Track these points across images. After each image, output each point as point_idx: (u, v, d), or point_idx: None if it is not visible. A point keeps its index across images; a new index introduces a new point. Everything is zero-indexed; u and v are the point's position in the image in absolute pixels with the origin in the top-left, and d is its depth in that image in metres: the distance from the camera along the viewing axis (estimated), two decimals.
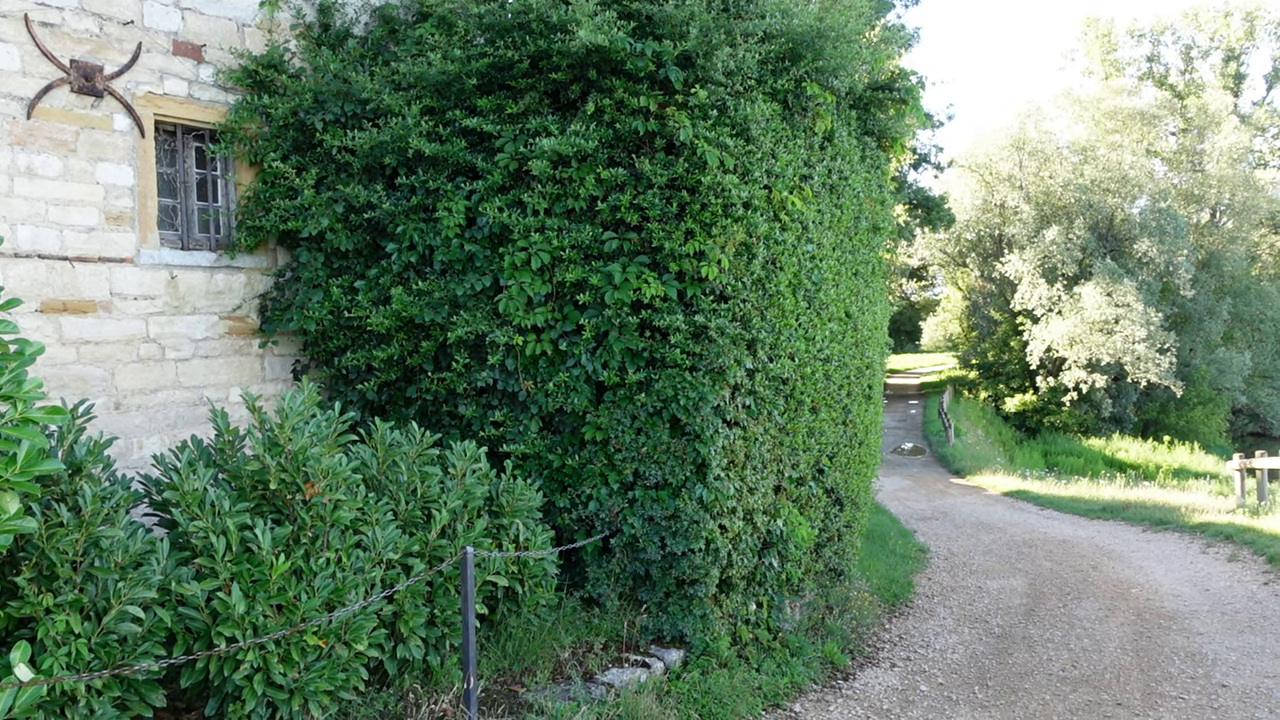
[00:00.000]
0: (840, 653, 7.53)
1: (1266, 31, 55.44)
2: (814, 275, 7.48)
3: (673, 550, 6.31)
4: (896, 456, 29.22)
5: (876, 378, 9.38)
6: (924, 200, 29.22)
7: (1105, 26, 57.01)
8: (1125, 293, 36.90)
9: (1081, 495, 19.90)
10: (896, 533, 13.83)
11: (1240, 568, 11.22)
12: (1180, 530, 14.31)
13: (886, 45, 8.61)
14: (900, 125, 9.07)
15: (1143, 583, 10.58)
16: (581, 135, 6.27)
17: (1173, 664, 7.53)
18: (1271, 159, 54.27)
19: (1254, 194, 44.43)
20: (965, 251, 45.71)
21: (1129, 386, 39.20)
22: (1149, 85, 54.60)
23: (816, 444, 7.83)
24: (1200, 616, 8.98)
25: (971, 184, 43.24)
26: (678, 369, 6.23)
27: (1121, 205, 41.56)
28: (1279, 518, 14.16)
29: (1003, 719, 6.40)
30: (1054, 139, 43.35)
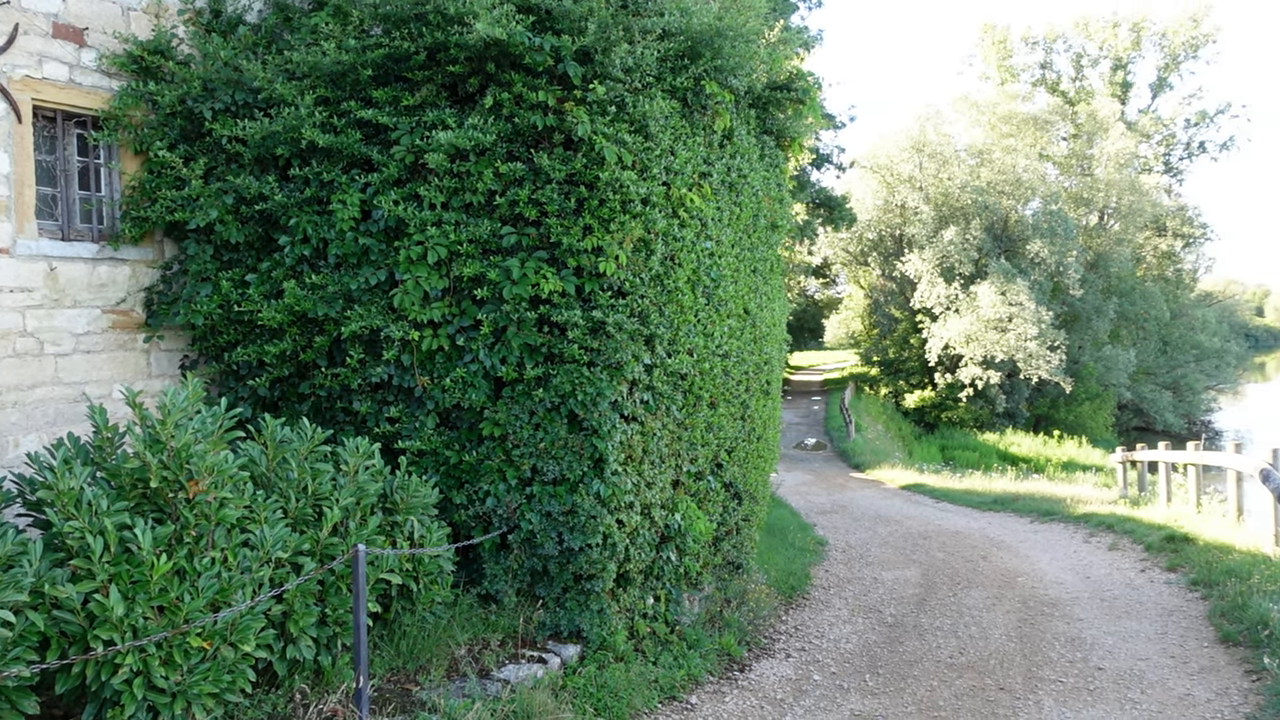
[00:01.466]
0: (737, 645, 7.63)
1: (1152, 42, 57.70)
2: (713, 272, 7.55)
3: (570, 545, 6.32)
4: (799, 452, 29.67)
5: (775, 373, 9.52)
6: (826, 200, 29.74)
7: (1002, 33, 58.69)
8: (1018, 292, 38.08)
9: (975, 488, 20.47)
10: (796, 526, 14.03)
11: (1120, 556, 11.68)
12: (1066, 521, 14.84)
13: (785, 46, 8.73)
14: (799, 125, 9.21)
15: (1029, 571, 10.95)
16: (479, 129, 6.23)
17: (1054, 649, 7.81)
18: (1155, 164, 56.52)
19: (1139, 198, 46.23)
20: (867, 250, 46.64)
21: (1022, 383, 40.48)
22: (1042, 91, 56.44)
23: (715, 439, 7.92)
24: (1081, 603, 9.32)
25: (873, 184, 44.14)
26: (576, 364, 6.24)
27: (1016, 207, 42.88)
28: (1158, 508, 14.78)
29: (891, 705, 6.56)
30: (952, 142, 44.50)
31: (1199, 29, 56.15)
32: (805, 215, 29.57)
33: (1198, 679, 6.91)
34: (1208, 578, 9.50)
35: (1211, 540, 11.14)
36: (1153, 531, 12.40)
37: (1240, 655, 7.30)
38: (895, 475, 23.87)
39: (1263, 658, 6.88)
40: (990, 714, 6.36)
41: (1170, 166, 59.00)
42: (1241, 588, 8.60)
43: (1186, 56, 57.19)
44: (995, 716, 6.31)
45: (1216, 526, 11.97)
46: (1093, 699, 6.60)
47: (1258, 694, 6.44)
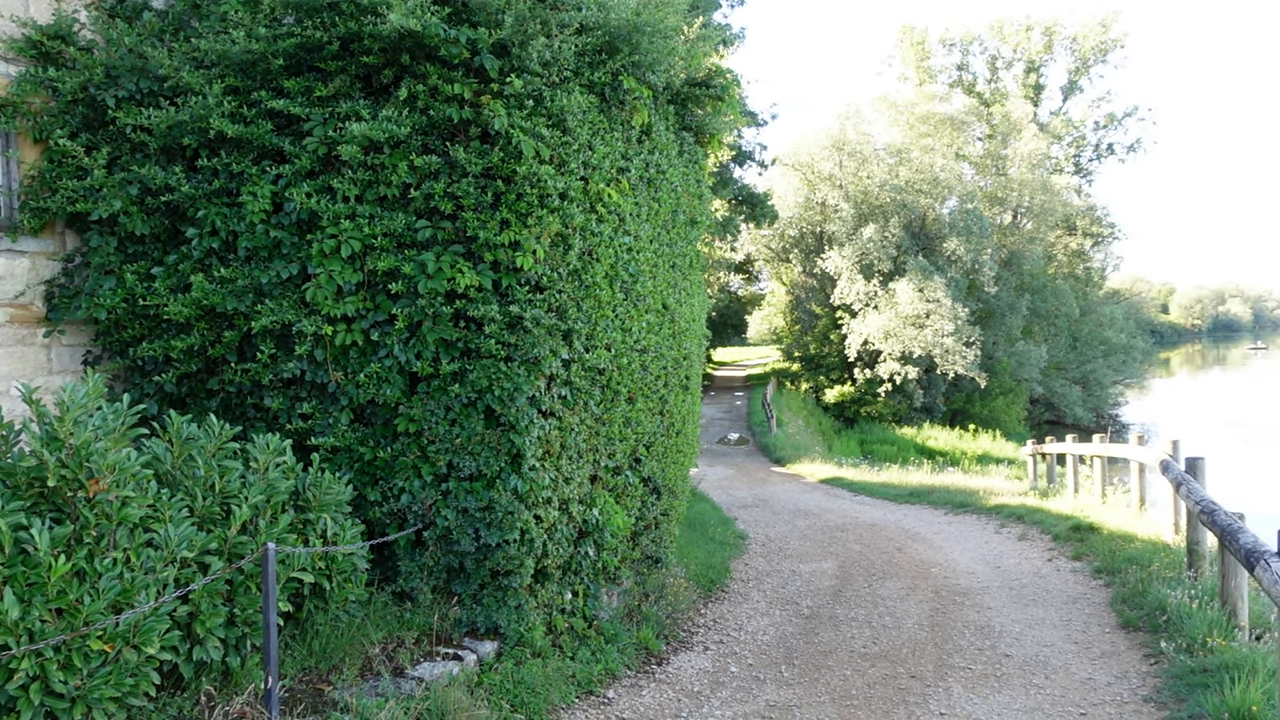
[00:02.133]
0: (655, 638, 7.67)
1: (1063, 46, 59.32)
2: (631, 267, 7.57)
3: (487, 542, 6.29)
4: (722, 447, 29.91)
5: (694, 368, 9.58)
6: (749, 196, 30.00)
7: (920, 35, 59.77)
8: (936, 289, 38.88)
9: (892, 481, 20.86)
10: (717, 520, 14.16)
11: (1028, 545, 12.01)
12: (978, 512, 15.20)
13: (704, 43, 8.76)
14: (718, 121, 9.27)
15: (942, 562, 11.19)
16: (394, 121, 6.15)
17: (964, 637, 8.00)
18: (1066, 165, 58.13)
19: (1050, 198, 47.52)
20: (789, 247, 47.19)
21: (939, 378, 41.34)
22: (959, 93, 57.63)
23: (633, 434, 7.94)
24: (991, 592, 9.56)
25: (794, 182, 44.65)
26: (493, 359, 6.20)
27: (933, 206, 43.75)
28: (1065, 499, 15.23)
29: (806, 695, 6.66)
30: (872, 141, 45.23)
31: (1108, 34, 57.87)
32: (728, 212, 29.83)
33: (1099, 664, 7.14)
34: (1111, 566, 9.81)
35: (1115, 529, 11.50)
36: (1060, 522, 12.76)
37: (1140, 640, 7.55)
38: (815, 469, 24.21)
39: (1160, 642, 7.12)
40: (901, 701, 6.48)
41: (1080, 167, 60.74)
42: (1142, 575, 8.90)
43: (1096, 60, 58.92)
44: (906, 704, 6.44)
45: (1120, 516, 12.36)
46: (1000, 685, 6.78)
47: (1155, 677, 6.67)
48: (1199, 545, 8.60)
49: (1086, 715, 6.12)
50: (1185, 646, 6.80)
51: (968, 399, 43.84)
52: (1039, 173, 48.65)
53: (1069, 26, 58.81)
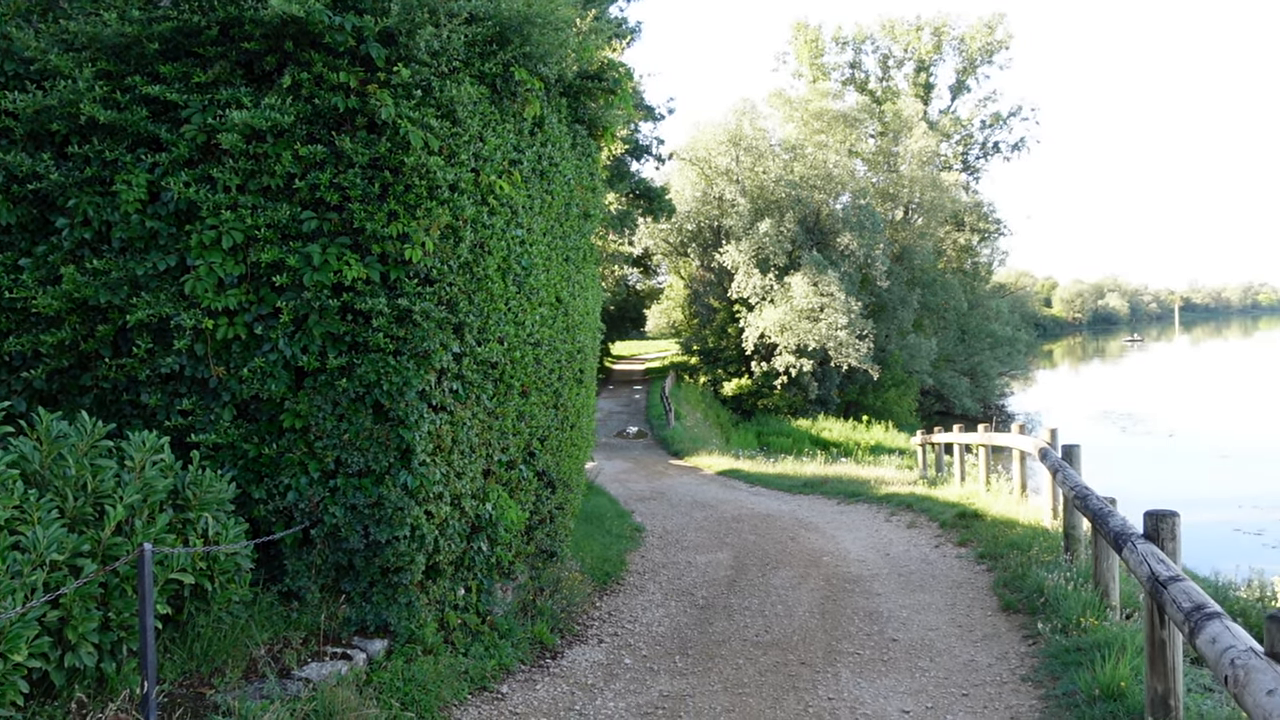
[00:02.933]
0: (550, 632, 7.66)
1: (951, 46, 60.97)
2: (523, 260, 7.53)
3: (377, 538, 6.19)
4: (620, 440, 29.99)
5: (589, 362, 9.58)
6: (646, 190, 30.13)
7: (813, 33, 60.71)
8: (830, 283, 39.64)
9: (788, 472, 21.21)
10: (614, 513, 14.20)
11: (917, 533, 12.34)
12: (870, 501, 15.55)
13: (597, 35, 8.76)
14: (611, 115, 9.28)
15: (833, 551, 11.42)
16: (277, 109, 6.00)
17: (853, 623, 8.18)
18: (955, 163, 59.79)
19: (940, 194, 48.84)
20: (687, 241, 47.54)
21: (833, 370, 42.17)
22: (852, 90, 58.76)
23: (527, 428, 7.90)
24: (880, 579, 9.80)
25: (692, 176, 44.99)
26: (381, 353, 6.10)
27: (827, 201, 44.59)
28: (952, 487, 15.69)
29: (699, 684, 6.73)
30: (767, 136, 45.84)
31: (993, 36, 59.64)
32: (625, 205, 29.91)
33: (981, 645, 7.38)
34: (994, 551, 10.14)
35: (998, 516, 11.90)
36: (947, 509, 13.14)
37: (1019, 622, 7.83)
38: (713, 461, 24.45)
39: (1038, 623, 7.40)
40: (792, 688, 6.60)
41: (968, 165, 62.56)
42: (1022, 559, 9.22)
43: (982, 61, 60.68)
44: (796, 690, 6.55)
45: (1003, 503, 12.80)
46: (886, 669, 6.95)
47: (1033, 657, 6.92)
48: (1075, 529, 8.95)
49: (968, 695, 6.32)
50: (1061, 627, 7.08)
51: (861, 391, 44.80)
52: (929, 170, 49.97)
53: (957, 27, 60.55)
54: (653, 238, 46.35)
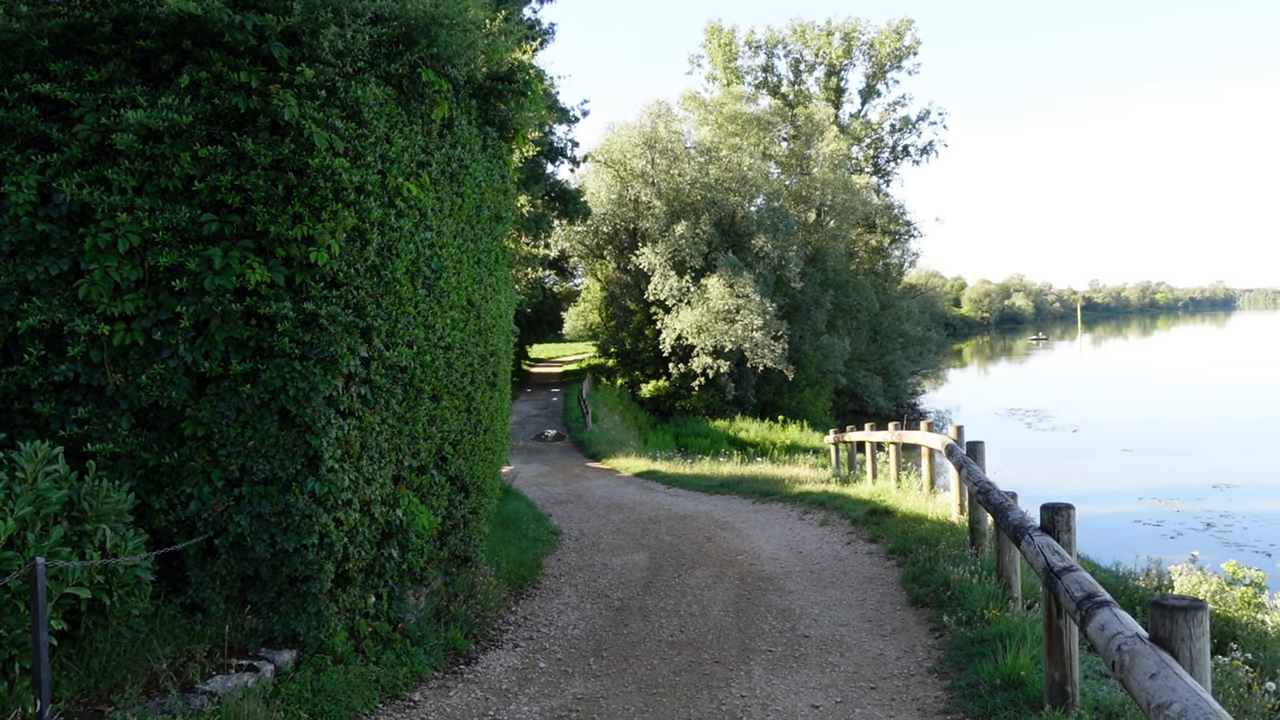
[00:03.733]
0: (464, 638, 7.60)
1: (861, 51, 62.06)
2: (433, 263, 7.46)
3: (284, 547, 6.07)
4: (538, 444, 29.86)
5: (502, 365, 9.52)
6: (561, 193, 30.06)
7: (727, 36, 61.24)
8: (745, 285, 40.02)
9: (704, 473, 21.34)
10: (531, 517, 14.13)
11: (829, 530, 12.53)
12: (784, 500, 15.74)
13: (507, 37, 8.73)
14: (522, 117, 9.24)
15: (748, 550, 11.54)
16: (175, 109, 5.85)
17: (766, 621, 8.28)
18: (866, 166, 60.89)
19: (851, 196, 49.66)
20: (603, 244, 47.56)
21: (749, 371, 42.58)
22: (765, 94, 59.45)
23: (438, 432, 7.83)
24: (793, 577, 9.93)
25: (608, 179, 45.01)
26: (287, 359, 5.99)
27: (742, 203, 45.00)
28: (865, 485, 15.97)
29: (613, 686, 6.74)
30: (682, 139, 46.08)
31: (901, 41, 60.84)
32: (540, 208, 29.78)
33: (890, 639, 7.52)
34: (903, 546, 10.35)
35: (908, 512, 12.14)
36: (859, 507, 13.37)
37: (926, 615, 8.00)
38: (630, 463, 24.49)
39: (943, 616, 7.57)
40: (705, 687, 6.65)
41: (879, 168, 63.74)
42: (930, 554, 9.43)
43: (891, 66, 61.88)
44: (710, 689, 6.60)
45: (913, 499, 13.06)
46: (798, 665, 7.05)
47: (939, 649, 7.08)
48: (980, 524, 9.18)
49: (876, 689, 6.44)
50: (965, 619, 7.26)
51: (777, 391, 45.31)
52: (841, 172, 50.80)
53: (867, 33, 61.67)
54: (569, 240, 46.27)
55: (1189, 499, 26.09)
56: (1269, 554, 19.06)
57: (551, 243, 43.06)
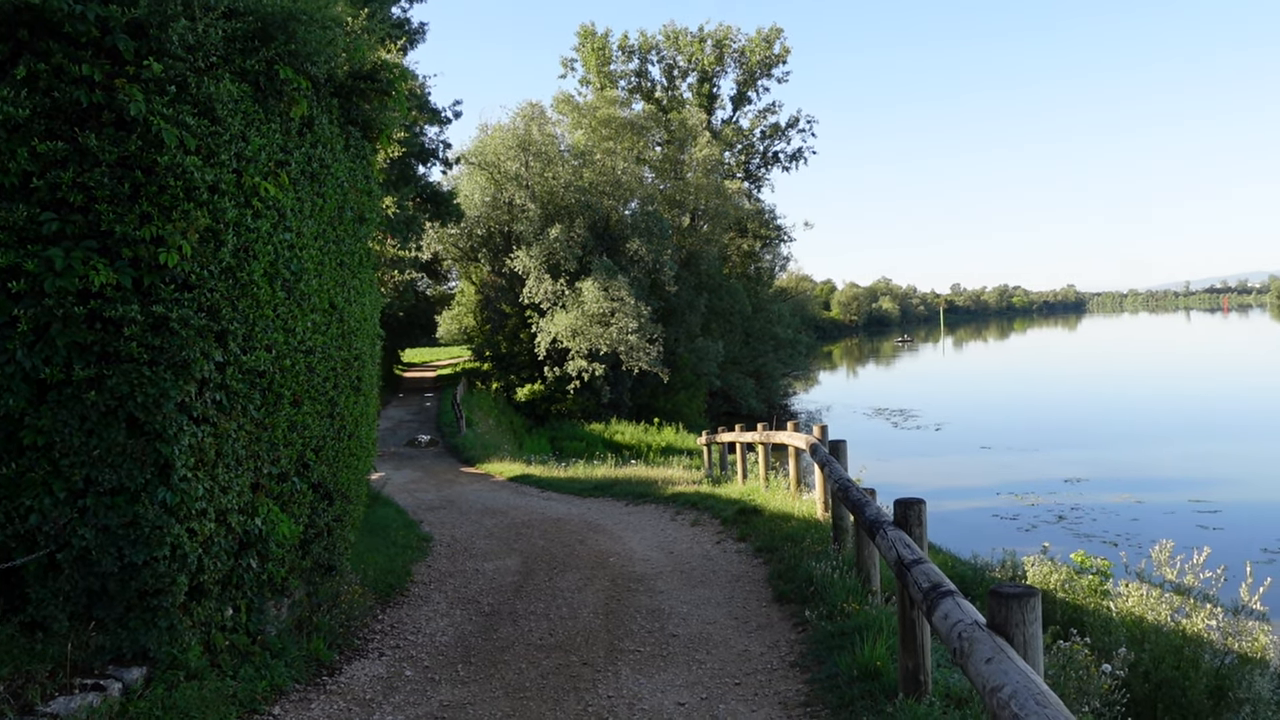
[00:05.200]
0: (328, 648, 7.43)
1: (733, 59, 63.05)
2: (293, 265, 7.27)
3: (133, 560, 5.83)
4: (411, 449, 29.41)
5: (367, 369, 9.34)
6: (433, 195, 29.71)
7: (600, 40, 61.46)
8: (620, 288, 40.23)
9: (579, 476, 21.36)
10: (401, 524, 13.92)
11: (700, 530, 12.69)
12: (657, 501, 15.88)
13: (370, 35, 8.57)
14: (386, 116, 9.09)
15: (620, 551, 11.60)
16: (11, 102, 5.56)
17: (635, 621, 8.34)
18: (738, 171, 61.90)
19: (724, 201, 50.44)
20: (477, 246, 47.17)
21: (625, 374, 42.80)
22: (639, 99, 59.87)
23: (300, 438, 7.63)
24: (663, 577, 10.02)
25: (481, 181, 44.66)
26: (135, 364, 5.75)
27: (616, 207, 45.25)
28: (735, 485, 16.23)
29: (480, 692, 6.68)
30: (557, 142, 46.06)
31: (772, 50, 62.08)
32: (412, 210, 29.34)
33: (755, 636, 7.67)
34: (770, 544, 10.56)
35: (776, 510, 12.39)
36: (729, 506, 13.59)
37: (790, 611, 8.19)
38: (505, 468, 24.35)
39: (806, 611, 7.76)
40: (573, 689, 6.66)
41: (751, 174, 64.86)
42: (795, 551, 9.64)
43: (762, 74, 63.05)
44: (577, 690, 6.62)
45: (781, 498, 13.34)
46: (665, 664, 7.12)
47: (802, 643, 7.26)
48: (843, 520, 9.44)
49: (740, 684, 6.55)
50: (827, 613, 7.45)
51: (652, 394, 45.68)
52: (714, 178, 51.54)
53: (738, 40, 62.69)
54: (442, 243, 45.72)
55: (1043, 493, 27.38)
56: (1115, 544, 20.12)
57: (424, 245, 42.48)
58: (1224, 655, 8.95)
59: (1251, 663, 8.83)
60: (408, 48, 24.72)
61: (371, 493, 14.77)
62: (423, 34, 27.00)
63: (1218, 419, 42.35)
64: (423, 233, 37.27)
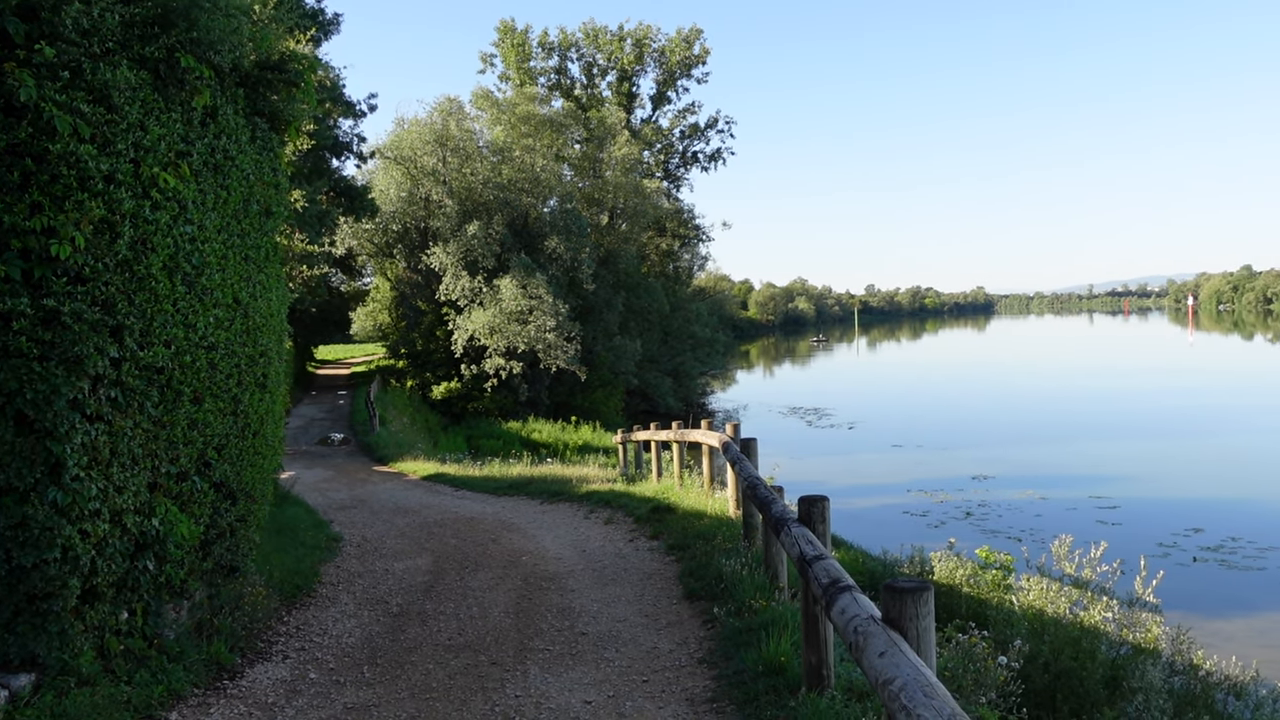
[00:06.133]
0: (229, 651, 7.26)
1: (653, 59, 63.22)
2: (195, 258, 7.09)
3: (21, 563, 5.62)
4: (323, 448, 28.91)
5: (273, 366, 9.15)
6: (347, 189, 29.25)
7: (520, 36, 61.13)
8: (538, 286, 40.05)
9: (494, 474, 21.22)
10: (310, 524, 13.66)
11: (613, 529, 12.71)
12: (572, 500, 15.85)
13: (278, 24, 8.39)
14: (294, 108, 8.91)
15: (533, 550, 11.55)
16: None
17: (545, 620, 8.31)
18: (657, 171, 62.11)
19: (643, 200, 50.56)
20: (393, 242, 46.52)
21: (543, 372, 42.63)
22: (559, 96, 59.68)
23: (201, 436, 7.44)
24: (575, 575, 10.01)
25: (397, 176, 44.05)
26: (24, 359, 5.54)
27: (535, 204, 45.03)
28: (650, 483, 16.28)
29: (386, 693, 6.60)
30: (475, 138, 45.65)
31: (691, 50, 62.40)
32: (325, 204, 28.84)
33: (664, 633, 7.71)
34: (682, 542, 10.62)
35: (689, 509, 12.47)
36: (643, 504, 13.62)
37: (700, 608, 8.24)
38: (419, 466, 24.08)
39: (715, 608, 7.82)
40: (480, 689, 6.61)
41: (670, 173, 65.14)
42: (706, 548, 9.71)
43: (681, 74, 63.34)
44: (484, 690, 6.57)
45: (694, 496, 13.42)
46: (574, 662, 7.12)
47: (710, 640, 7.31)
48: (753, 518, 9.52)
49: (648, 681, 6.58)
50: (735, 610, 7.52)
51: (570, 392, 45.58)
52: (633, 176, 51.63)
53: (658, 40, 62.88)
54: (357, 238, 44.96)
55: (952, 490, 28.02)
56: (1020, 539, 20.66)
57: (338, 240, 41.75)
58: (1119, 646, 9.28)
59: (1145, 653, 9.16)
60: (320, 39, 24.26)
61: (280, 492, 14.48)
62: (337, 25, 26.52)
63: (1118, 418, 43.85)
64: (336, 227, 36.66)
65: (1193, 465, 31.72)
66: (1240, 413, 43.95)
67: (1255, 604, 17.08)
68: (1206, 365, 76.69)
